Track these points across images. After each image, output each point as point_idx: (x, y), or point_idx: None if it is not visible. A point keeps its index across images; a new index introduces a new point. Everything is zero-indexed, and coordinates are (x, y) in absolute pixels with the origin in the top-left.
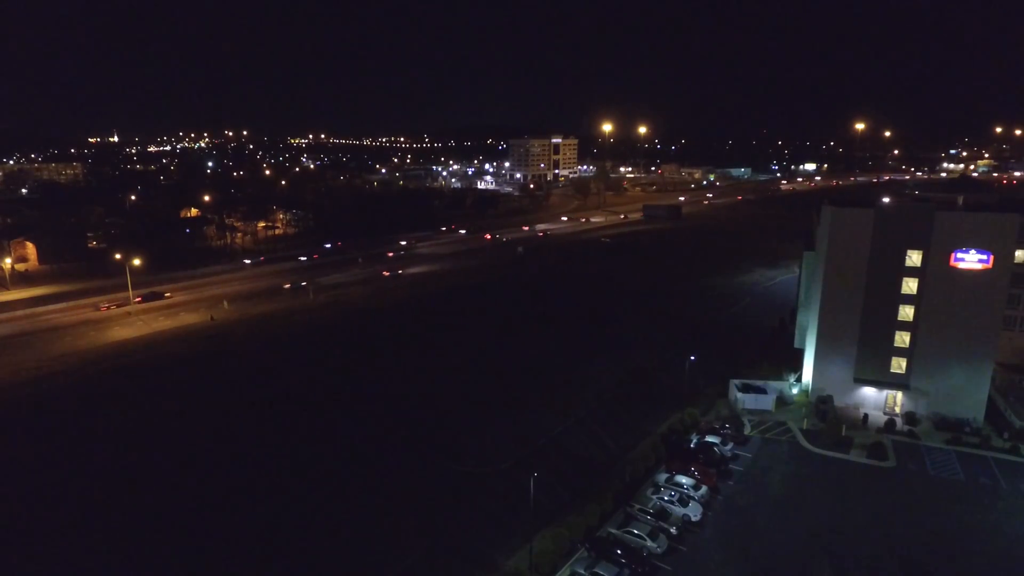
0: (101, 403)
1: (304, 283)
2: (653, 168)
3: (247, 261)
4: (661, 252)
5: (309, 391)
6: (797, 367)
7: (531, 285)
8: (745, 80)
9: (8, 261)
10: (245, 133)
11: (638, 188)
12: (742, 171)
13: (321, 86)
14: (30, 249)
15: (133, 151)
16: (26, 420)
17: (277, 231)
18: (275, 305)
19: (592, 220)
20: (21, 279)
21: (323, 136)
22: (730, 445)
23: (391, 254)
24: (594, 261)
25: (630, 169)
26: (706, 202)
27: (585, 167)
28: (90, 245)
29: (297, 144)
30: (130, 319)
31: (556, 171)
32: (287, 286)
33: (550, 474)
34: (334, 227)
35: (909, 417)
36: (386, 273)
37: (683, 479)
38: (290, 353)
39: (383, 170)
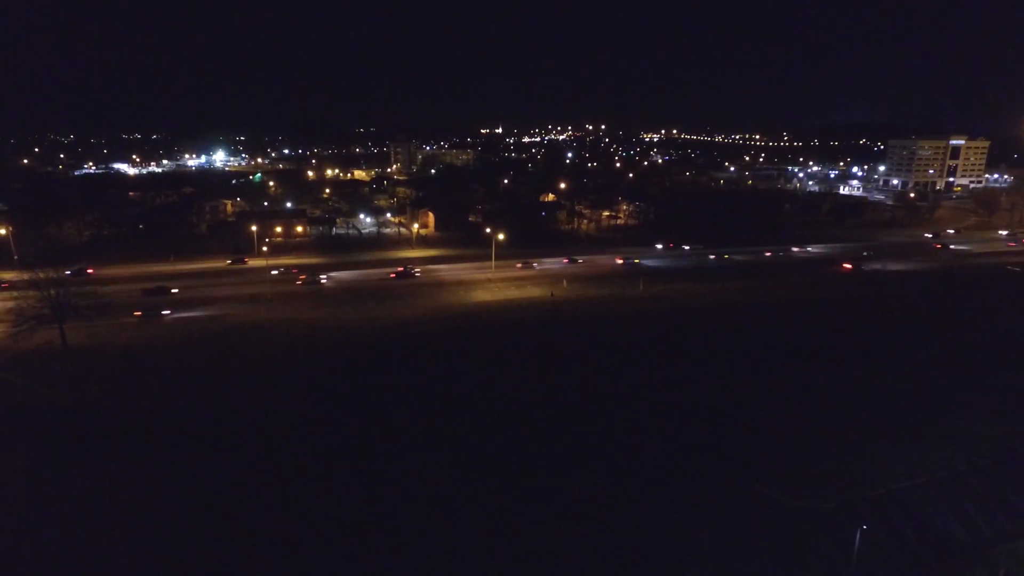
0: (454, 349)
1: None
2: None
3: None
4: None
5: (620, 377)
6: None
7: (870, 308)
8: None
9: (416, 227)
10: (603, 127)
11: None
12: None
13: (677, 84)
14: (430, 218)
15: (511, 141)
16: (395, 353)
17: (619, 221)
18: (606, 290)
19: None
20: (421, 241)
21: (675, 132)
22: None
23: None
24: (974, 292)
25: None
26: None
27: (997, 176)
28: (469, 219)
29: (649, 139)
30: (490, 285)
31: (950, 179)
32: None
33: (883, 532)
34: (671, 223)
35: None
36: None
37: None
38: (609, 337)
39: (732, 168)
